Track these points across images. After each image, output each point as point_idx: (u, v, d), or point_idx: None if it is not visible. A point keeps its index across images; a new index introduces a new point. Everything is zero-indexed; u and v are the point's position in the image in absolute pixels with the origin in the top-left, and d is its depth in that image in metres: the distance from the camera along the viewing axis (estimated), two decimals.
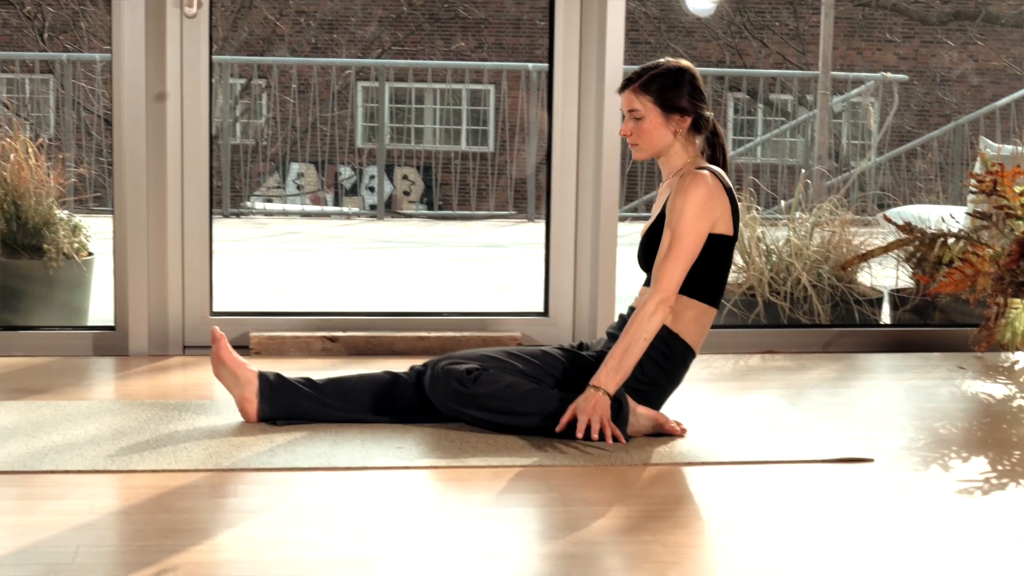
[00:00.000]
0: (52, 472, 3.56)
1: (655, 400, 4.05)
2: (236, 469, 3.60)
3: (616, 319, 4.38)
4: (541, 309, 5.34)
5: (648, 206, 11.82)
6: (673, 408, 4.20)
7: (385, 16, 15.39)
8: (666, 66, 4.06)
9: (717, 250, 4.01)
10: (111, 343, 5.06)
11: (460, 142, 15.26)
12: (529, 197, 11.86)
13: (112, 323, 5.10)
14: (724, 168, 4.12)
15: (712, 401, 4.43)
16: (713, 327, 5.48)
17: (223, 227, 9.96)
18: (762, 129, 15.28)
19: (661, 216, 4.05)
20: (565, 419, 3.89)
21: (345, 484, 3.52)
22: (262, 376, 4.04)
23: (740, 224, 4.16)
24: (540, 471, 3.65)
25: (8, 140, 5.64)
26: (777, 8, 15.72)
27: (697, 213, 3.94)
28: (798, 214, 5.90)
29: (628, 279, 5.79)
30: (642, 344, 3.91)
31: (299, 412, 4.02)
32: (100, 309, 5.67)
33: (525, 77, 12.26)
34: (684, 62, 4.10)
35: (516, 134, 13.07)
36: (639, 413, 3.95)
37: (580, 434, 3.84)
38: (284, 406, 4.01)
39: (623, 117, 4.12)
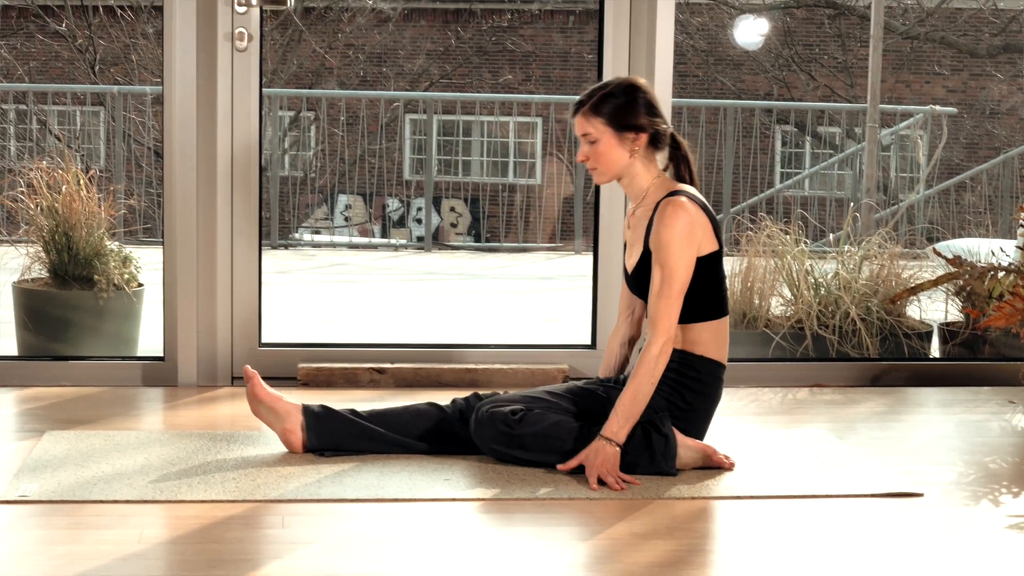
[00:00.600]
0: (101, 502, 3.57)
1: (700, 423, 4.03)
2: (284, 500, 3.61)
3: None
4: (588, 341, 5.34)
5: None
6: (721, 441, 4.19)
7: (433, 49, 15.45)
8: (615, 85, 4.01)
9: (708, 269, 3.97)
10: (160, 373, 5.09)
11: (507, 174, 15.28)
12: (576, 229, 11.86)
13: (161, 354, 5.13)
14: (692, 181, 4.06)
15: (760, 434, 4.41)
16: (761, 360, 5.48)
17: (271, 258, 10.00)
18: (810, 162, 15.24)
19: (647, 248, 4.00)
20: (571, 464, 3.87)
21: (392, 516, 3.52)
22: (307, 408, 4.04)
23: (722, 236, 4.08)
24: (586, 504, 3.64)
25: (60, 172, 5.68)
26: (825, 41, 15.70)
27: (683, 244, 3.89)
28: (847, 247, 5.89)
29: None
30: (648, 389, 3.86)
31: (346, 442, 4.02)
32: (149, 340, 5.70)
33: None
34: (635, 79, 4.06)
35: (564, 167, 13.09)
36: (688, 446, 3.93)
37: (593, 487, 3.78)
38: (331, 437, 4.01)
39: (577, 143, 4.11)
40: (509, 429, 3.91)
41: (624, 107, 3.97)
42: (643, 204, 4.03)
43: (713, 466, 3.95)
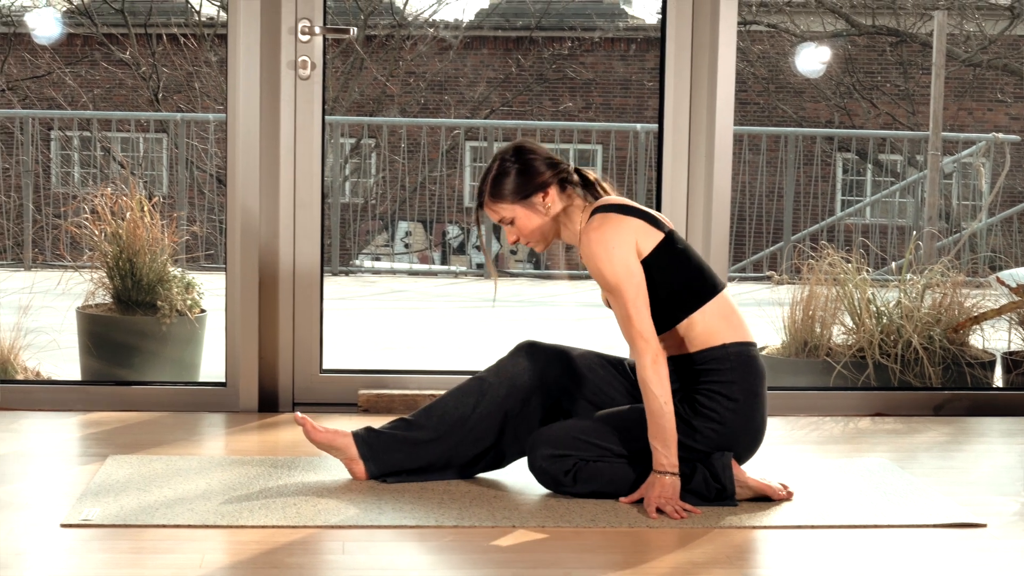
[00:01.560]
0: (163, 526, 3.59)
1: (755, 410, 3.91)
2: (344, 526, 3.62)
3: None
4: None
5: (755, 267, 11.77)
6: (781, 470, 4.17)
7: (494, 77, 15.49)
8: (499, 161, 3.92)
9: (665, 261, 3.87)
10: (222, 399, 5.11)
11: None
12: None
13: (223, 379, 5.15)
14: (598, 185, 3.98)
15: (821, 464, 4.39)
16: (823, 389, 5.46)
17: (332, 285, 10.04)
18: (871, 190, 15.18)
19: None
20: (633, 498, 3.85)
21: (452, 542, 3.53)
22: (356, 437, 4.05)
23: (662, 219, 3.95)
24: (645, 532, 3.64)
25: (124, 198, 5.73)
26: (887, 69, 15.65)
27: (611, 260, 3.80)
28: (909, 276, 5.86)
29: None
30: (661, 405, 3.76)
31: (403, 459, 4.00)
32: (211, 365, 5.73)
33: (633, 137, 12.28)
34: (516, 143, 3.96)
35: (624, 194, 13.11)
36: (748, 486, 3.90)
37: (652, 517, 3.74)
38: (386, 457, 4.01)
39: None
40: (565, 487, 3.90)
41: (518, 177, 3.90)
42: (581, 242, 3.94)
43: (772, 498, 3.93)
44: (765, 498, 3.91)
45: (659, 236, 3.87)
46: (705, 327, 3.89)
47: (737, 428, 3.88)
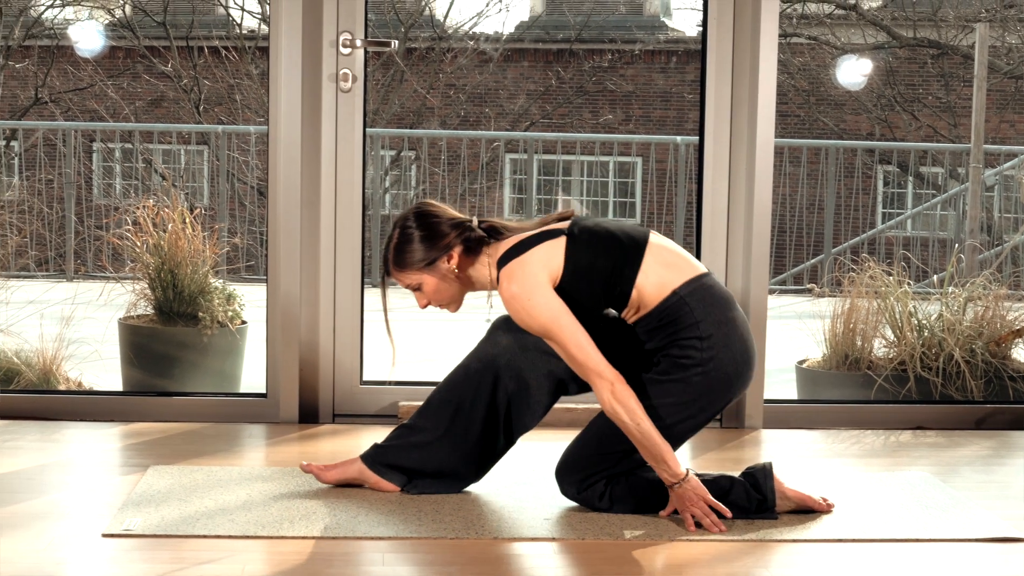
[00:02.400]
0: (204, 536, 3.61)
1: (733, 336, 3.81)
2: (384, 537, 3.63)
3: None
4: None
5: (796, 279, 11.74)
6: (822, 483, 4.16)
7: (534, 89, 15.50)
8: (400, 229, 3.85)
9: (580, 262, 3.78)
10: (262, 410, 5.13)
11: (607, 214, 15.27)
12: None
13: (264, 391, 5.17)
14: (508, 230, 3.87)
15: (862, 477, 4.38)
16: (863, 402, 5.44)
17: (372, 296, 10.05)
18: (912, 202, 15.13)
19: None
20: (668, 511, 3.83)
21: (491, 553, 3.53)
22: (365, 459, 4.06)
23: (561, 219, 3.87)
24: (685, 545, 3.63)
25: (166, 210, 5.75)
26: (928, 81, 15.59)
27: (532, 313, 3.74)
28: (951, 288, 5.84)
29: (777, 353, 5.75)
30: (644, 429, 3.71)
31: (419, 460, 4.00)
32: (252, 377, 5.75)
33: (673, 150, 12.27)
34: (415, 207, 3.90)
35: (663, 206, 13.07)
36: (787, 496, 3.89)
37: (691, 529, 3.73)
38: (403, 464, 4.02)
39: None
40: (602, 511, 3.88)
41: (422, 243, 3.83)
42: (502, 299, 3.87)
43: (812, 510, 3.92)
44: (805, 510, 3.90)
45: (562, 245, 3.80)
46: (652, 284, 3.81)
47: (723, 360, 3.81)
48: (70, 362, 5.70)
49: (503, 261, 3.81)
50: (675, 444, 3.82)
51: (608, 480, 3.86)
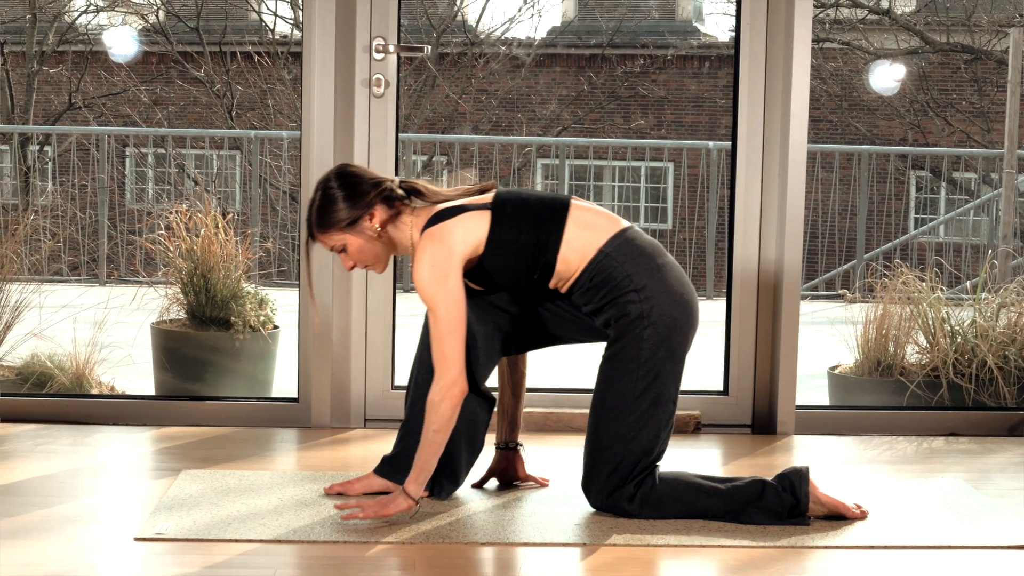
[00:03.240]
0: (235, 541, 3.62)
1: (662, 281, 3.81)
2: (415, 542, 3.63)
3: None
4: (720, 388, 5.31)
5: (828, 285, 11.72)
6: (854, 489, 4.15)
7: (566, 95, 15.50)
8: (320, 191, 3.83)
9: (505, 235, 3.79)
10: (294, 415, 5.14)
11: (638, 219, 15.27)
12: (708, 274, 11.82)
13: (296, 395, 5.18)
14: (425, 192, 3.85)
15: (894, 483, 4.36)
16: (896, 408, 5.42)
17: (404, 302, 10.06)
18: (945, 208, 15.08)
19: None
20: (376, 513, 3.75)
21: (523, 558, 3.53)
22: (381, 473, 4.06)
23: (487, 191, 3.87)
24: (721, 551, 3.63)
25: (198, 215, 5.77)
26: (961, 86, 15.54)
27: (425, 282, 3.73)
28: (984, 294, 5.81)
29: (810, 359, 5.73)
30: (433, 436, 3.70)
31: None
32: (284, 381, 5.76)
33: (705, 155, 12.26)
34: (334, 168, 3.88)
35: (695, 212, 13.06)
36: (821, 502, 3.88)
37: (344, 518, 3.74)
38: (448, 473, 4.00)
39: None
40: (638, 517, 3.86)
41: (344, 203, 3.81)
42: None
43: (845, 517, 3.91)
44: (838, 516, 3.89)
45: (486, 218, 3.80)
46: (576, 250, 3.82)
47: (664, 304, 3.81)
48: (103, 366, 5.72)
49: (428, 226, 3.81)
50: (670, 410, 3.83)
51: (635, 483, 3.84)
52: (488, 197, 3.88)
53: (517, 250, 3.81)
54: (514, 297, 4.00)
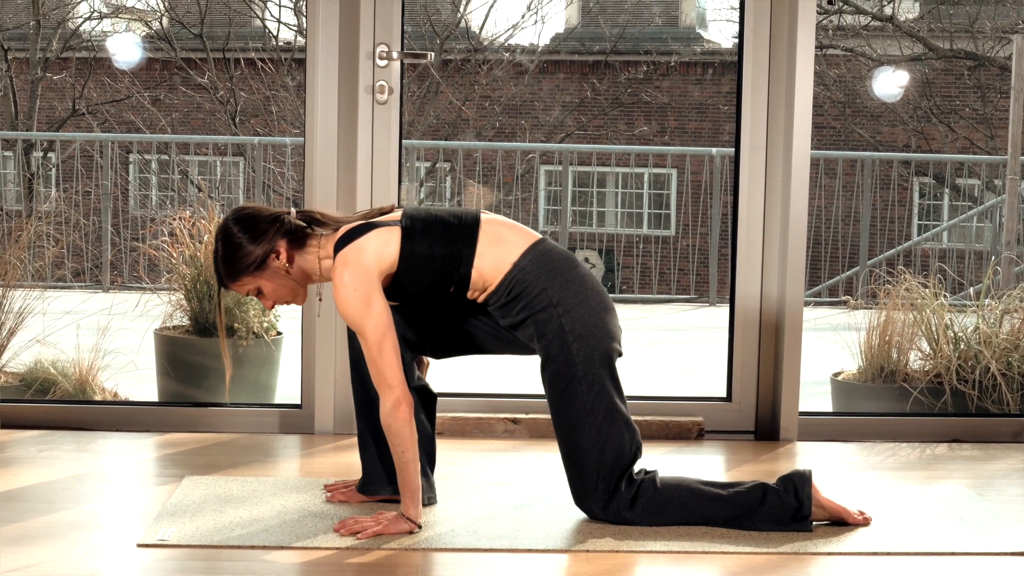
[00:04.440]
0: (238, 547, 3.62)
1: (578, 292, 3.80)
2: (418, 548, 3.63)
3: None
4: (724, 394, 5.31)
5: (831, 291, 11.71)
6: (857, 496, 4.15)
7: (570, 101, 15.51)
8: (219, 244, 3.79)
9: (417, 249, 3.77)
10: (297, 421, 5.14)
11: (642, 225, 15.27)
12: (711, 281, 11.83)
13: (299, 401, 5.18)
14: (323, 218, 3.83)
15: (897, 490, 4.36)
16: (899, 415, 5.42)
17: None
18: (948, 214, 15.08)
19: None
20: (364, 532, 3.73)
21: (526, 566, 3.53)
22: (363, 491, 4.05)
23: (394, 208, 3.87)
24: (723, 557, 3.62)
25: (202, 221, 5.77)
26: (964, 93, 15.54)
27: (349, 306, 3.69)
28: (987, 301, 5.81)
29: (813, 365, 5.73)
30: (404, 459, 3.70)
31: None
32: (287, 388, 5.76)
33: (708, 162, 12.26)
34: (231, 214, 3.81)
35: (699, 218, 13.07)
36: (822, 506, 3.88)
37: (343, 534, 3.72)
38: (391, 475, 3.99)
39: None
40: (639, 524, 3.86)
41: (248, 246, 3.77)
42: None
43: (846, 523, 3.91)
44: (840, 522, 3.89)
45: (396, 234, 3.77)
46: (489, 263, 3.82)
47: (583, 315, 3.80)
48: (106, 372, 5.72)
49: (337, 249, 3.77)
50: (624, 411, 3.82)
51: (629, 485, 3.84)
52: (396, 215, 3.85)
53: (431, 264, 3.80)
54: (432, 309, 3.98)
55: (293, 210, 3.85)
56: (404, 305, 3.95)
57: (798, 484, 3.84)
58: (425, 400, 4.07)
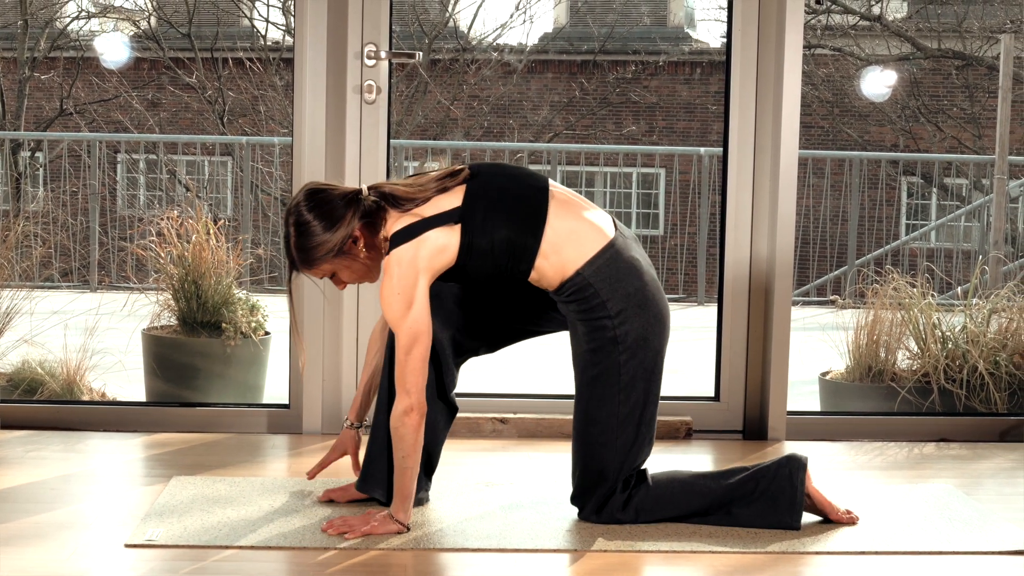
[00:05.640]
0: (226, 547, 3.61)
1: (641, 301, 3.77)
2: (407, 548, 3.63)
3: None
4: (712, 394, 5.31)
5: (819, 291, 11.72)
6: (845, 495, 4.15)
7: (558, 101, 15.51)
8: (291, 228, 3.71)
9: (478, 240, 3.69)
10: (285, 421, 5.13)
11: (630, 225, 15.27)
12: (699, 280, 11.83)
13: (287, 401, 5.17)
14: (395, 197, 3.72)
15: (885, 489, 4.37)
16: (887, 414, 5.42)
17: None
18: (936, 214, 15.09)
19: None
20: (354, 534, 3.71)
21: (515, 566, 3.53)
22: (363, 488, 4.02)
23: (453, 190, 3.74)
24: (711, 557, 3.62)
25: (190, 221, 5.77)
26: (953, 92, 15.56)
27: (395, 306, 3.65)
28: (975, 300, 5.82)
29: (801, 364, 5.74)
30: (405, 465, 3.68)
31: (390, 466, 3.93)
32: (275, 387, 5.76)
33: (697, 161, 12.26)
34: (302, 192, 3.73)
35: (687, 218, 13.07)
36: (808, 490, 3.88)
37: (331, 533, 3.71)
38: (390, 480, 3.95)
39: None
40: (635, 523, 3.87)
41: (324, 233, 3.69)
42: None
43: (830, 519, 3.91)
44: (823, 518, 3.88)
45: (455, 230, 3.68)
46: (553, 264, 3.75)
47: (638, 328, 3.76)
48: (94, 372, 5.72)
49: (395, 241, 3.70)
50: (654, 424, 3.82)
51: (626, 489, 3.84)
52: (459, 193, 3.74)
53: (491, 258, 3.74)
54: (481, 294, 3.94)
55: (365, 187, 3.77)
56: (465, 286, 3.88)
57: (793, 468, 3.82)
58: (452, 413, 4.03)
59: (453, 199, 3.75)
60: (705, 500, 3.84)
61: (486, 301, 3.97)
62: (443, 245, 3.70)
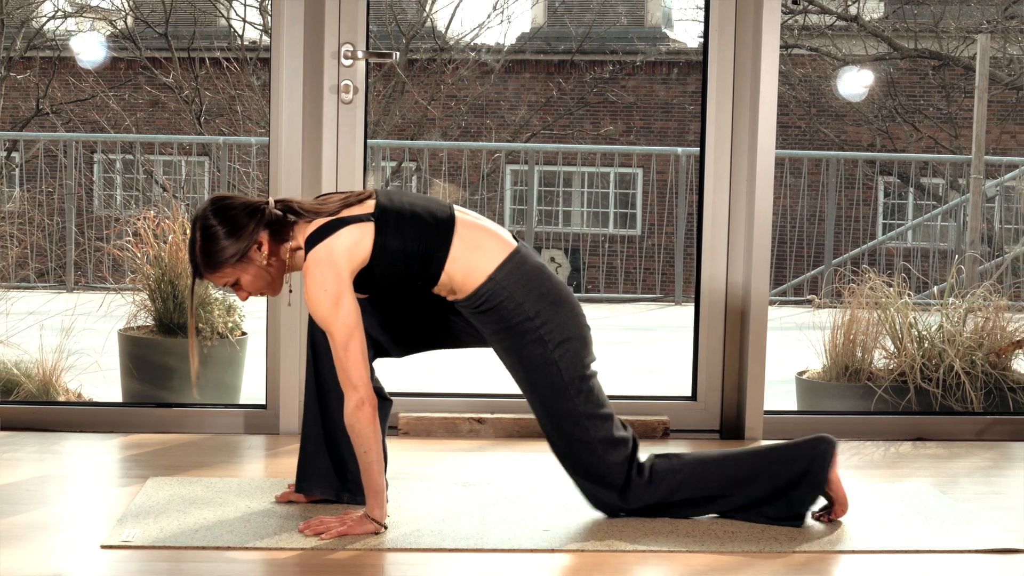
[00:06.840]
0: (203, 548, 3.61)
1: (554, 300, 3.81)
2: (384, 549, 3.63)
3: None
4: (688, 393, 5.32)
5: (796, 291, 11.74)
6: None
7: (535, 101, 15.51)
8: (200, 228, 3.72)
9: (389, 243, 3.72)
10: (262, 421, 5.13)
11: (608, 225, 15.29)
12: (677, 280, 11.85)
13: (264, 402, 5.16)
14: (301, 208, 3.75)
15: (862, 488, 4.37)
16: (863, 413, 5.43)
17: None
18: (913, 213, 15.14)
19: None
20: (330, 532, 3.71)
21: (491, 566, 3.53)
22: (302, 491, 4.03)
23: (365, 196, 3.80)
24: (687, 556, 3.63)
25: (166, 221, 5.76)
26: (929, 92, 15.61)
27: (319, 304, 3.66)
28: (951, 300, 5.83)
29: (777, 364, 5.74)
30: (367, 459, 3.69)
31: (352, 464, 3.95)
32: (252, 388, 5.75)
33: (674, 161, 12.28)
34: (210, 200, 3.75)
35: (664, 218, 13.09)
36: (831, 476, 3.89)
37: (307, 533, 3.71)
38: (356, 476, 3.96)
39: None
40: (664, 499, 3.89)
41: (227, 238, 3.72)
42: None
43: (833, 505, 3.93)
44: (830, 501, 3.90)
45: (369, 227, 3.73)
46: (462, 269, 3.79)
47: (562, 321, 3.81)
48: (70, 373, 5.70)
49: (310, 243, 3.73)
50: (609, 408, 3.85)
51: (640, 472, 3.86)
52: (369, 206, 3.79)
53: (403, 259, 3.75)
54: (398, 302, 3.95)
55: (271, 200, 3.81)
56: (374, 296, 3.91)
57: (826, 457, 3.86)
58: (386, 404, 4.04)
59: (363, 209, 3.80)
60: (739, 468, 3.87)
61: (399, 306, 3.97)
62: (358, 239, 3.72)
